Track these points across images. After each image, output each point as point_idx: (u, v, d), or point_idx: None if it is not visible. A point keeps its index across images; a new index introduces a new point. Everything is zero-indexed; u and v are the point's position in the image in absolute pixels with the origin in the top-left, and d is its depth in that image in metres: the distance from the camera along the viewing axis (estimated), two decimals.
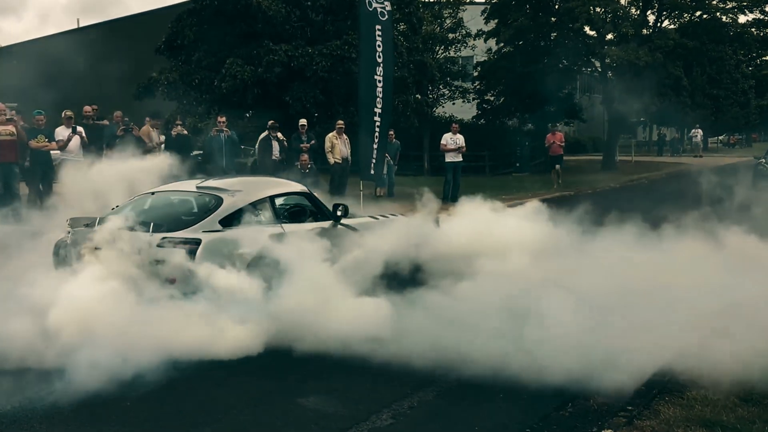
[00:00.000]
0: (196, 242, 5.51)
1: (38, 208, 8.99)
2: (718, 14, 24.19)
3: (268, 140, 12.47)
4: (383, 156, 11.76)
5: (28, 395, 4.23)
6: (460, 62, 26.09)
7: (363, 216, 7.64)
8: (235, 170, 12.11)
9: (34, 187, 10.49)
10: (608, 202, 8.42)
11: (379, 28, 10.67)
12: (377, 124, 10.86)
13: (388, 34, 11.05)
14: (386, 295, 5.65)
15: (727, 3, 24.12)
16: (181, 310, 5.03)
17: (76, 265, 5.47)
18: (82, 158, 9.92)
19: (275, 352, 5.01)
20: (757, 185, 10.93)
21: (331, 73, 17.71)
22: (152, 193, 6.42)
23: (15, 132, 10.14)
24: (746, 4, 24.05)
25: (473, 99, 26.21)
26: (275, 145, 12.41)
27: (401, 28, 19.73)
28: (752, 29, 25.88)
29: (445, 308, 5.45)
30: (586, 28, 23.90)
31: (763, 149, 20.48)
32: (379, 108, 10.80)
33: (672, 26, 25.15)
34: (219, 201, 6.00)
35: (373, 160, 11.00)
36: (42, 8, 68.03)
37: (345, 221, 6.84)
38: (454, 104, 25.29)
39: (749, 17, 25.74)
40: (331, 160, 12.99)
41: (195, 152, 12.78)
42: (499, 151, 24.05)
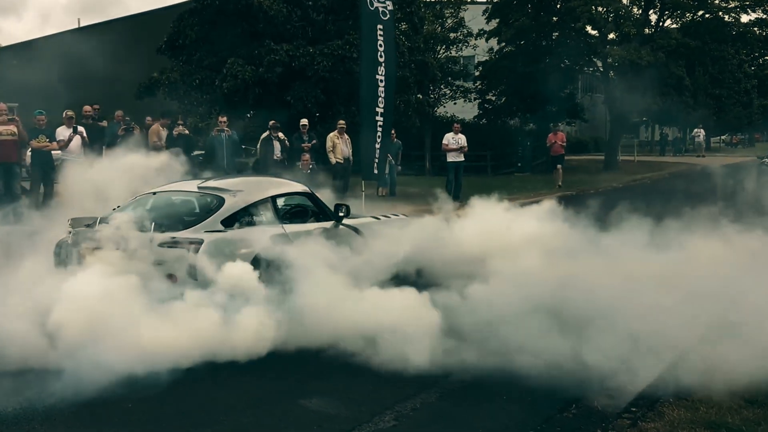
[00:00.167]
0: (198, 242, 5.49)
1: (39, 208, 8.97)
2: (720, 13, 24.15)
3: (269, 140, 12.46)
4: (386, 156, 11.75)
5: (29, 396, 4.21)
6: (462, 62, 26.03)
7: (365, 216, 7.63)
8: (236, 170, 12.09)
9: (35, 187, 10.48)
10: (611, 202, 8.36)
11: (380, 27, 10.63)
12: (379, 123, 10.83)
13: (390, 34, 11.01)
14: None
15: (730, 2, 24.06)
16: (186, 310, 4.99)
17: (76, 266, 5.46)
18: (83, 158, 9.91)
19: (277, 353, 4.98)
20: (763, 184, 10.88)
21: (332, 73, 17.68)
22: (154, 193, 6.40)
23: (16, 132, 10.12)
24: (749, 3, 23.99)
25: (475, 99, 26.16)
26: (276, 145, 12.40)
27: (403, 27, 19.69)
28: (755, 28, 25.81)
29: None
30: (588, 27, 23.86)
31: (766, 149, 20.45)
32: (381, 107, 10.75)
33: (674, 26, 25.11)
34: (221, 201, 5.98)
35: (376, 160, 10.97)
36: (42, 8, 68.12)
37: (347, 221, 6.82)
38: (455, 104, 25.24)
39: (752, 16, 25.71)
40: (332, 160, 12.97)
41: (196, 152, 12.75)
42: (500, 151, 24.00)
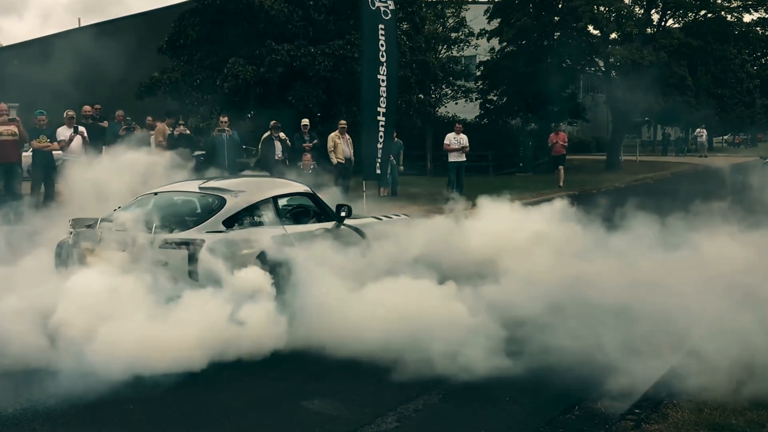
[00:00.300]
0: (200, 243, 5.46)
1: (40, 208, 8.95)
2: (722, 13, 24.04)
3: (270, 140, 12.44)
4: (388, 156, 11.71)
5: (30, 397, 4.20)
6: (463, 62, 25.97)
7: (367, 216, 7.60)
8: (237, 170, 12.06)
9: (36, 187, 10.45)
10: (615, 202, 8.35)
11: (382, 27, 10.60)
12: (381, 123, 10.79)
13: (392, 33, 10.97)
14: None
15: (732, 2, 23.97)
16: (188, 311, 4.97)
17: (77, 266, 5.44)
18: (84, 158, 9.87)
19: (278, 354, 4.96)
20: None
21: (333, 73, 17.66)
22: (155, 193, 6.38)
23: (17, 132, 10.09)
24: (751, 3, 23.90)
25: (476, 99, 26.11)
26: (278, 145, 12.38)
27: (404, 27, 19.66)
28: (757, 28, 25.70)
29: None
30: (590, 27, 23.78)
31: None
32: (382, 107, 10.71)
33: (676, 25, 25.00)
34: (222, 202, 5.97)
35: (378, 160, 10.93)
36: (43, 8, 68.04)
37: (348, 222, 6.79)
38: (456, 104, 25.18)
39: (754, 16, 25.61)
40: (333, 160, 12.93)
41: (197, 152, 12.73)
42: (502, 151, 23.93)
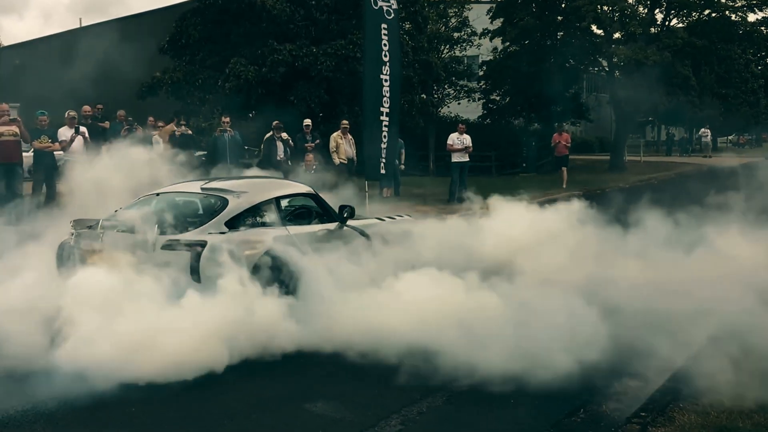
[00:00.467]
0: (202, 244, 5.43)
1: (41, 208, 8.93)
2: (727, 13, 23.88)
3: (272, 140, 12.41)
4: (393, 156, 11.59)
5: (32, 398, 4.18)
6: (466, 62, 25.90)
7: (369, 217, 7.57)
8: (239, 171, 12.02)
9: (38, 188, 10.42)
10: (619, 202, 8.31)
11: (385, 26, 10.53)
12: (385, 123, 10.71)
13: (395, 33, 10.90)
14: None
15: (737, 1, 23.81)
16: (191, 312, 4.94)
17: (79, 268, 5.41)
18: (85, 158, 9.84)
19: (282, 356, 4.94)
20: None
21: (335, 73, 17.64)
22: (157, 194, 6.35)
23: (18, 132, 10.05)
24: (756, 2, 23.75)
25: (479, 99, 26.05)
26: (280, 145, 12.35)
27: (406, 27, 19.63)
28: (762, 28, 25.53)
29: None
30: (593, 27, 23.66)
31: None
32: (386, 107, 10.64)
33: (680, 25, 24.86)
34: (224, 202, 5.93)
35: (383, 160, 10.84)
36: (44, 7, 68.10)
37: (352, 222, 6.75)
38: (459, 104, 25.13)
39: (759, 15, 25.48)
40: (336, 161, 12.88)
41: (198, 153, 12.71)
42: (505, 151, 23.87)
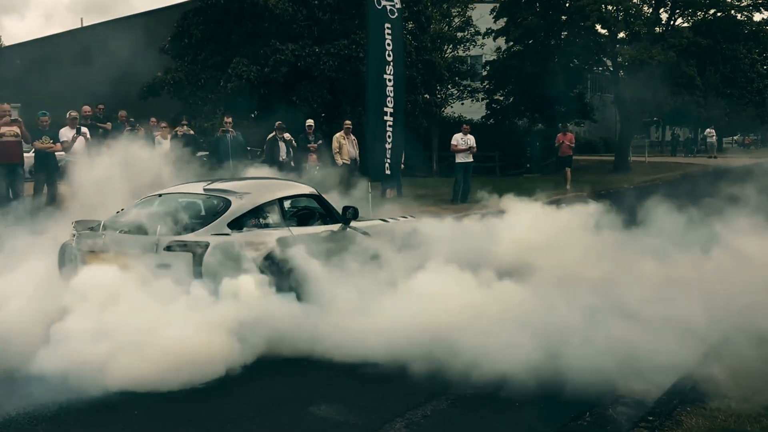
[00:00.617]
0: (205, 246, 5.39)
1: (43, 209, 8.91)
2: (732, 12, 23.79)
3: (275, 141, 12.39)
4: (398, 157, 11.50)
5: (34, 401, 4.15)
6: (469, 61, 25.89)
7: (373, 219, 7.52)
8: (241, 171, 11.99)
9: (39, 189, 10.38)
10: (624, 203, 8.26)
11: (388, 26, 10.47)
12: (389, 123, 10.64)
13: (398, 32, 10.84)
14: None
15: (742, 1, 23.73)
16: (194, 314, 4.89)
17: (80, 269, 5.38)
18: (87, 159, 9.81)
19: (285, 359, 4.91)
20: None
21: (338, 73, 17.62)
22: (159, 195, 6.31)
23: (19, 133, 10.01)
24: (761, 1, 23.66)
25: (482, 99, 26.01)
26: (282, 145, 12.33)
27: (409, 26, 19.59)
28: (767, 27, 25.48)
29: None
30: (598, 26, 23.60)
31: None
32: (390, 107, 10.58)
33: (685, 24, 24.77)
34: (227, 203, 5.90)
35: (387, 161, 10.77)
36: (45, 7, 68.29)
37: (355, 224, 6.71)
38: (462, 104, 25.11)
39: (764, 15, 25.41)
40: (338, 161, 12.83)
41: (200, 153, 12.69)
42: (508, 152, 23.81)
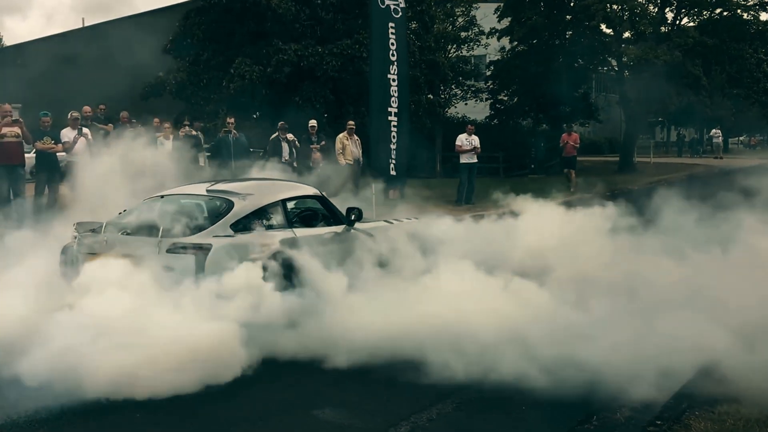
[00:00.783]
0: (207, 248, 5.35)
1: (44, 210, 8.90)
2: (738, 11, 23.64)
3: (278, 141, 12.36)
4: (404, 157, 11.43)
5: (36, 404, 4.12)
6: (473, 61, 25.83)
7: (377, 220, 7.48)
8: (243, 172, 11.96)
9: (40, 190, 10.35)
10: (629, 204, 8.20)
11: (392, 25, 10.42)
12: (393, 124, 10.60)
13: (402, 32, 10.80)
14: None
15: (748, 0, 23.63)
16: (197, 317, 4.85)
17: (82, 271, 5.34)
18: (88, 160, 9.78)
19: (289, 361, 4.88)
20: None
21: (341, 73, 17.57)
22: (161, 196, 6.28)
23: (20, 133, 9.97)
24: None
25: (486, 99, 25.95)
26: (285, 146, 12.30)
27: (413, 26, 19.52)
28: None
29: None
30: (603, 26, 23.51)
31: None
32: (394, 107, 10.53)
33: (691, 24, 24.64)
34: (230, 205, 5.86)
35: (392, 161, 10.72)
36: (47, 7, 68.54)
37: (359, 225, 6.66)
38: (466, 104, 25.05)
39: None
40: (341, 162, 12.78)
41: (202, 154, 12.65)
42: (512, 152, 23.73)
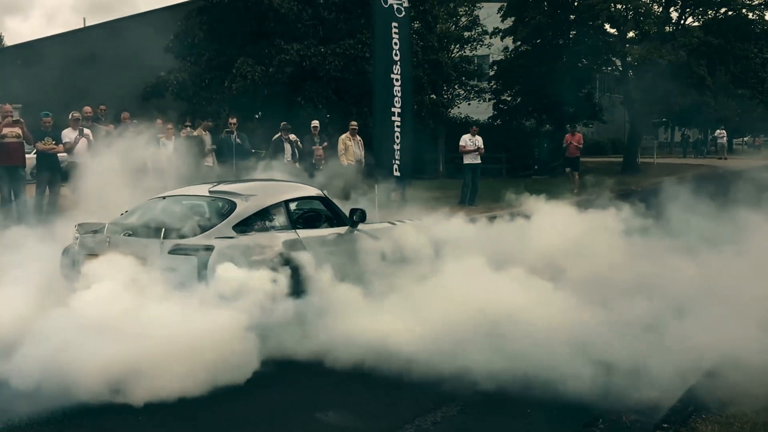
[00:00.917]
0: (210, 249, 5.31)
1: (45, 211, 8.86)
2: (743, 11, 23.55)
3: (280, 142, 12.32)
4: (408, 158, 11.32)
5: (38, 406, 4.09)
6: (476, 61, 25.74)
7: (380, 221, 7.44)
8: (245, 173, 11.91)
9: (41, 190, 10.31)
10: (633, 205, 8.16)
11: (395, 25, 10.32)
12: (396, 124, 10.49)
13: (405, 32, 10.68)
14: None
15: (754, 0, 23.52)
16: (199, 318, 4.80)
17: (83, 272, 5.29)
18: (89, 160, 9.74)
19: (292, 364, 4.84)
20: None
21: (344, 73, 17.53)
22: (163, 197, 6.24)
23: (21, 134, 9.93)
24: None
25: (489, 99, 25.87)
26: (287, 147, 12.25)
27: (415, 26, 19.47)
28: None
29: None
30: (607, 25, 23.45)
31: None
32: (397, 107, 10.43)
33: (696, 23, 24.53)
34: (232, 206, 5.82)
35: (396, 162, 10.61)
36: (48, 7, 68.65)
37: (362, 227, 6.61)
38: (469, 105, 24.98)
39: None
40: (344, 163, 12.72)
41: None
42: (516, 153, 23.64)
